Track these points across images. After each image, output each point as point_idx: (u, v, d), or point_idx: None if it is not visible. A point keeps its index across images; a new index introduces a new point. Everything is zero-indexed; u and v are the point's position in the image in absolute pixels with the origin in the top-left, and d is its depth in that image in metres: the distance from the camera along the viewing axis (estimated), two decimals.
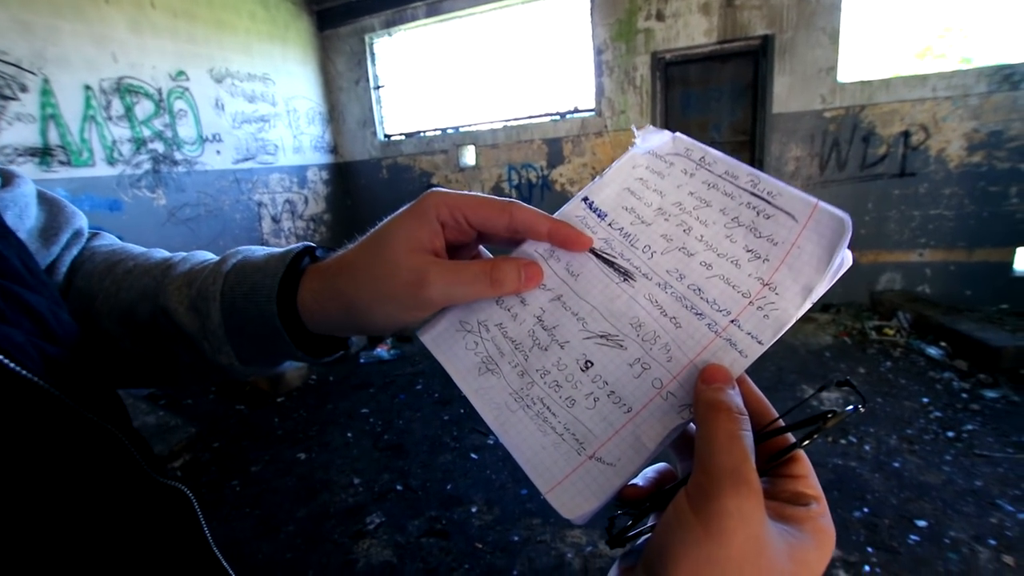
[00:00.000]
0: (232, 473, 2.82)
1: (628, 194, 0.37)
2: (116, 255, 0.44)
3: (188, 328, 0.38)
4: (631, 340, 0.32)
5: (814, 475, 0.29)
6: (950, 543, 1.95)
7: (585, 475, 0.29)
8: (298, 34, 5.57)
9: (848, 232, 0.29)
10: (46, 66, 3.36)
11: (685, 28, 4.48)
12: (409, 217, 0.34)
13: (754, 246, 0.31)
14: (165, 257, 0.43)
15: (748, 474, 0.24)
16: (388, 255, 0.34)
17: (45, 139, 3.38)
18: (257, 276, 0.37)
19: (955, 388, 3.09)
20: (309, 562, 2.14)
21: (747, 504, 0.23)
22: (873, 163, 4.23)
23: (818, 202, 0.31)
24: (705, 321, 0.30)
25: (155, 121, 4.10)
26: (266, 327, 0.37)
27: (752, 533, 0.23)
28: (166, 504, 0.34)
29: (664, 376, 0.30)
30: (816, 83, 4.22)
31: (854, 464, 2.47)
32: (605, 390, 0.31)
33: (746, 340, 0.29)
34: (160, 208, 4.17)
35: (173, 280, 0.39)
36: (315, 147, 5.86)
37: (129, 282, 0.41)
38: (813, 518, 0.26)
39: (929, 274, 4.26)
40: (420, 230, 0.34)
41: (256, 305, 0.36)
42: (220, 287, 0.37)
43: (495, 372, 0.34)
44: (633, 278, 0.34)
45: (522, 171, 5.41)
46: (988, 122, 3.84)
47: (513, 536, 2.17)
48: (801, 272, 0.29)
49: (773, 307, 0.29)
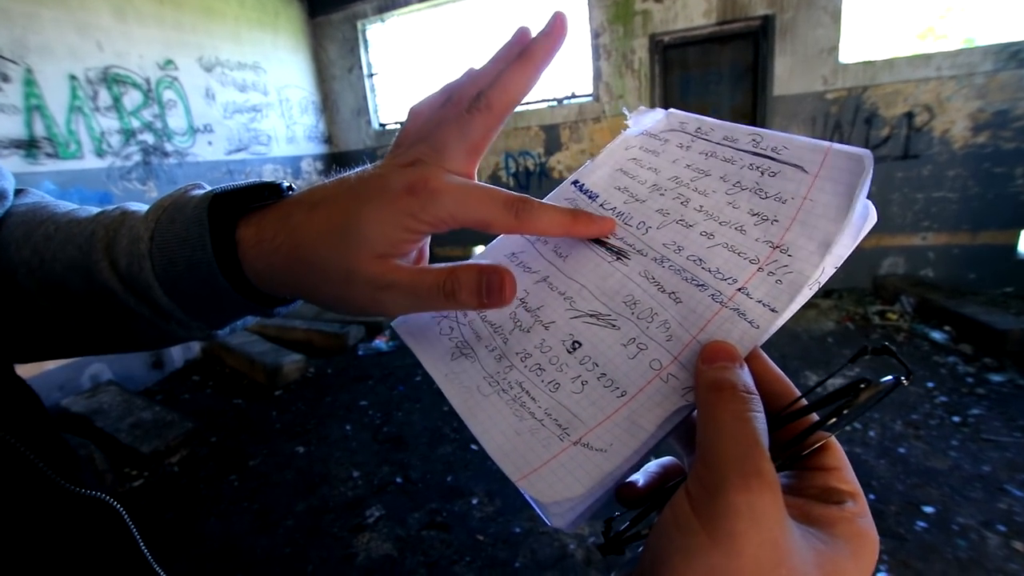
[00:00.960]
0: (230, 467, 2.79)
1: (621, 174, 0.36)
2: (34, 216, 0.38)
3: (138, 310, 0.34)
4: (625, 319, 0.29)
5: (850, 467, 0.24)
6: (958, 529, 1.92)
7: (568, 461, 0.26)
8: (289, 21, 5.45)
9: (868, 170, 0.26)
10: (28, 55, 3.26)
11: (684, 9, 4.39)
12: (397, 229, 0.29)
13: (760, 208, 0.29)
14: (89, 217, 0.37)
15: (759, 463, 0.20)
16: (348, 260, 0.29)
17: (30, 131, 3.30)
18: (187, 251, 0.31)
19: (960, 372, 3.06)
20: (308, 556, 2.11)
21: (760, 500, 0.19)
22: (876, 145, 4.16)
23: (831, 144, 0.28)
24: (708, 292, 0.27)
25: (144, 112, 4.01)
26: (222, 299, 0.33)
27: (767, 537, 0.19)
28: (88, 517, 0.30)
29: (663, 356, 0.27)
30: (818, 64, 4.13)
31: (859, 450, 2.44)
32: (595, 372, 0.28)
33: (757, 309, 0.26)
34: (151, 201, 4.08)
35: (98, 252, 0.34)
36: (309, 137, 5.77)
37: (51, 252, 0.35)
38: (849, 519, 0.22)
39: (933, 258, 4.22)
40: (397, 232, 0.29)
41: (201, 282, 0.32)
42: (152, 270, 0.32)
43: (469, 357, 0.32)
44: (627, 256, 0.31)
45: (519, 159, 5.33)
46: (994, 101, 3.77)
47: (515, 528, 2.14)
48: (816, 227, 0.26)
49: (787, 270, 0.26)
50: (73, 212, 0.38)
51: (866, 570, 0.21)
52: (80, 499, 0.30)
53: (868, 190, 0.26)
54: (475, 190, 0.30)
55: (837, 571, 0.20)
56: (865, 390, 0.22)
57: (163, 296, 0.32)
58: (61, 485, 0.29)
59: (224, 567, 2.11)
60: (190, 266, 0.31)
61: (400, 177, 0.30)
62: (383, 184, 0.30)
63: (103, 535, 0.31)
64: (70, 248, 0.35)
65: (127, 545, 0.32)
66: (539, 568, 1.94)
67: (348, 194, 0.30)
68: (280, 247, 0.30)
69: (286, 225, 0.31)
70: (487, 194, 0.30)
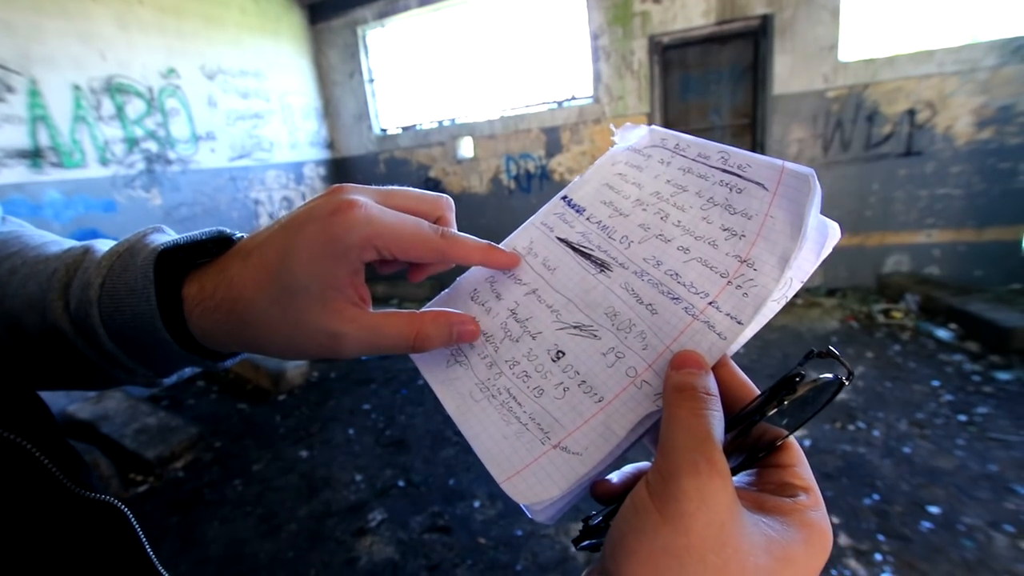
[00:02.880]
0: (234, 472, 2.80)
1: (607, 189, 0.38)
2: (5, 248, 0.39)
3: (86, 352, 0.34)
4: (605, 329, 0.31)
5: (806, 465, 0.26)
6: (965, 530, 1.90)
7: (547, 464, 0.28)
8: (290, 28, 5.49)
9: (813, 188, 0.27)
10: (32, 66, 3.31)
11: (683, 10, 4.38)
12: (326, 257, 0.28)
13: (730, 223, 0.30)
14: (56, 254, 0.37)
15: (711, 452, 0.21)
16: (298, 313, 0.29)
17: (35, 141, 3.34)
18: (132, 300, 0.32)
19: (966, 371, 3.02)
20: (311, 560, 2.12)
21: (709, 484, 0.21)
22: (878, 143, 4.13)
23: (784, 164, 0.29)
24: (682, 305, 0.29)
25: (147, 120, 4.05)
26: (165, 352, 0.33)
27: (715, 519, 0.20)
28: (96, 521, 0.31)
29: (639, 364, 0.29)
30: (818, 62, 4.12)
31: (863, 450, 2.42)
32: (576, 379, 0.30)
33: (725, 322, 0.28)
34: (155, 208, 4.13)
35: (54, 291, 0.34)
36: (311, 143, 5.80)
37: (14, 287, 0.36)
38: (800, 511, 0.23)
39: (937, 255, 4.18)
40: (338, 277, 0.29)
41: (145, 334, 0.32)
42: (98, 316, 0.32)
43: (463, 363, 0.34)
44: (610, 268, 0.33)
45: (520, 161, 5.34)
46: (998, 96, 3.74)
47: (516, 531, 2.14)
48: (776, 242, 0.28)
49: (752, 284, 0.28)
50: (43, 247, 0.38)
51: (817, 557, 0.22)
52: (89, 503, 0.30)
53: (819, 207, 0.28)
54: (404, 216, 0.31)
55: (787, 556, 0.21)
56: (801, 384, 0.24)
57: (108, 342, 0.32)
58: (71, 489, 0.29)
59: (228, 571, 2.12)
60: (134, 316, 0.31)
61: (326, 203, 0.30)
62: (309, 213, 0.30)
63: (111, 538, 0.32)
64: (31, 284, 0.35)
65: (134, 549, 0.33)
66: (541, 571, 1.93)
67: (278, 232, 0.30)
68: (220, 305, 0.30)
69: (223, 279, 0.31)
70: (415, 220, 0.31)
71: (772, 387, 0.25)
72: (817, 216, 0.28)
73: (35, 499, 0.27)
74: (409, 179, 5.89)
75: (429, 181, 5.79)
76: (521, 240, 0.38)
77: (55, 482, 0.28)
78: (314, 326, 0.29)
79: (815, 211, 0.27)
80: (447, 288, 0.39)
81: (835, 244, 0.29)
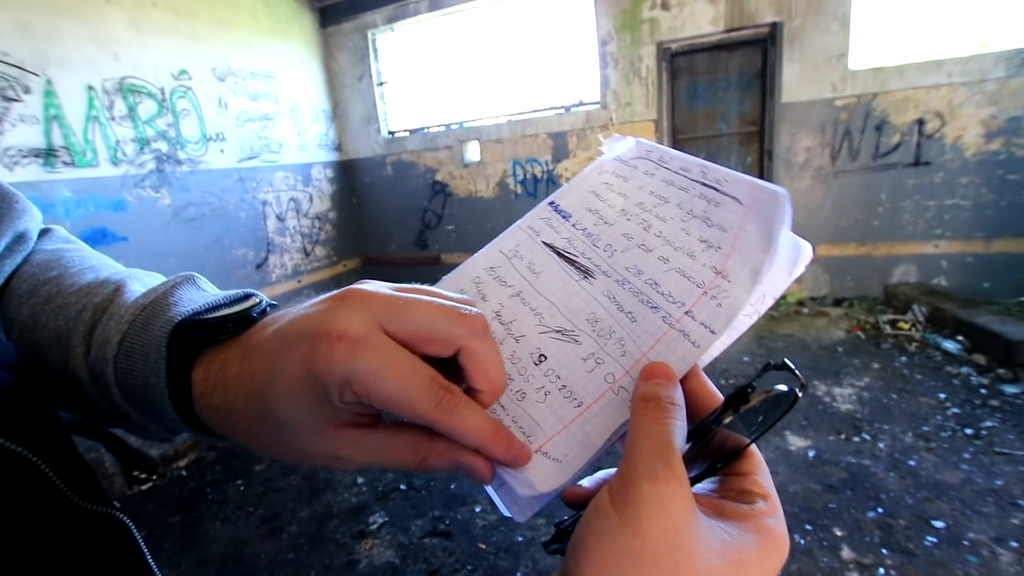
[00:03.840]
0: (236, 473, 2.82)
1: (593, 197, 0.38)
2: (44, 272, 0.39)
3: (99, 403, 0.34)
4: (586, 335, 0.32)
5: (766, 473, 0.27)
6: (969, 545, 1.88)
7: (529, 468, 0.29)
8: (300, 31, 5.55)
9: (783, 205, 0.28)
10: (48, 67, 3.36)
11: (691, 17, 4.39)
12: (305, 392, 0.26)
13: (707, 236, 0.31)
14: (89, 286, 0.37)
15: (669, 459, 0.22)
16: (291, 440, 0.28)
17: (49, 140, 3.39)
18: (144, 369, 0.31)
19: (973, 383, 3.00)
20: (312, 562, 2.12)
21: (665, 489, 0.21)
22: (886, 152, 4.12)
23: (754, 181, 0.31)
24: (660, 314, 0.30)
25: (158, 121, 4.10)
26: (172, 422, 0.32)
27: (670, 523, 0.21)
28: (98, 532, 0.31)
29: (617, 370, 0.30)
30: (826, 71, 4.11)
31: (868, 462, 2.40)
32: (557, 384, 0.31)
33: (699, 330, 0.29)
34: (164, 208, 4.17)
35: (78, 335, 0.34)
36: (319, 145, 5.84)
37: (46, 317, 0.36)
38: (757, 517, 0.24)
39: (945, 266, 4.15)
40: (324, 411, 0.26)
41: (155, 402, 0.32)
42: (113, 375, 0.32)
43: None
44: (593, 275, 0.34)
45: (527, 166, 5.35)
46: (1007, 108, 3.72)
47: (517, 537, 2.14)
48: (749, 256, 0.29)
49: (725, 295, 0.29)
50: (80, 274, 0.38)
51: (771, 562, 0.23)
52: (91, 514, 0.30)
53: (790, 225, 0.28)
54: (401, 359, 0.26)
55: (741, 560, 0.22)
56: (754, 394, 0.25)
57: (121, 400, 0.33)
58: (73, 501, 0.29)
59: (228, 571, 2.12)
60: (146, 385, 0.31)
61: (323, 320, 0.26)
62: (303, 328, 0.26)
63: (112, 550, 0.32)
64: (60, 319, 0.35)
65: (135, 559, 0.33)
66: None
67: (272, 340, 0.28)
68: (218, 405, 0.29)
69: (222, 380, 0.29)
70: (413, 368, 0.26)
71: (728, 397, 0.26)
72: (788, 234, 0.29)
73: (36, 510, 0.27)
74: (416, 182, 5.92)
75: (436, 184, 5.82)
76: (508, 242, 0.39)
77: (58, 493, 0.29)
78: (312, 450, 0.28)
79: (785, 228, 0.28)
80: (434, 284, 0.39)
81: (807, 262, 0.30)
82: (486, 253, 0.39)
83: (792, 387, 0.26)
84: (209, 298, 0.34)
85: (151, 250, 4.05)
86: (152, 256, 4.04)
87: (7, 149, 3.20)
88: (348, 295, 0.27)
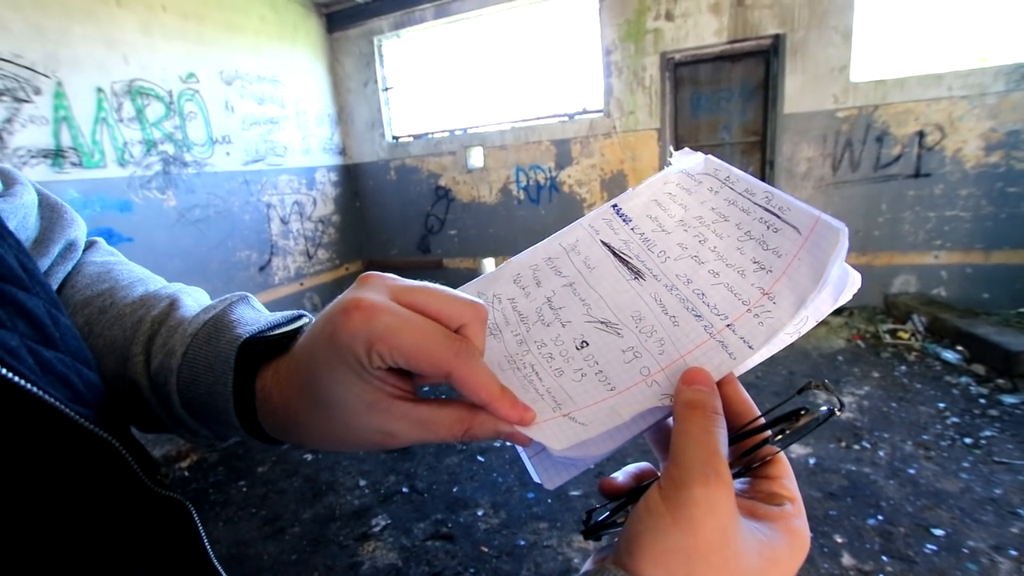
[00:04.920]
0: (239, 474, 2.82)
1: (655, 205, 0.40)
2: (98, 283, 0.42)
3: (156, 409, 0.37)
4: (629, 330, 0.34)
5: (792, 477, 0.29)
6: (968, 553, 1.90)
7: (555, 426, 0.31)
8: (307, 36, 5.60)
9: (841, 242, 0.29)
10: (59, 69, 3.39)
11: (695, 28, 4.44)
12: (342, 369, 0.28)
13: (760, 258, 0.33)
14: (142, 299, 0.40)
15: (718, 466, 0.24)
16: (344, 419, 0.30)
17: (58, 141, 3.42)
18: (209, 379, 0.34)
19: (972, 393, 3.02)
20: (314, 564, 2.13)
21: (715, 494, 0.23)
22: (887, 164, 4.16)
23: (820, 215, 0.31)
24: (702, 323, 0.32)
25: (165, 123, 4.13)
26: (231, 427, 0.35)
27: (719, 524, 0.23)
28: (165, 515, 0.33)
29: (653, 365, 0.32)
30: (828, 82, 4.16)
31: (868, 470, 2.41)
32: (594, 368, 0.33)
33: (738, 344, 0.30)
34: (170, 209, 4.20)
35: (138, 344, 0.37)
36: (324, 149, 5.88)
37: (101, 326, 0.38)
38: (786, 518, 0.27)
39: (945, 276, 4.18)
40: (365, 384, 0.29)
41: (217, 409, 0.34)
42: (175, 384, 0.35)
43: (496, 337, 0.37)
44: (643, 277, 0.36)
45: (530, 172, 5.39)
46: (1006, 121, 3.76)
47: (519, 540, 2.15)
48: (798, 283, 0.30)
49: (769, 315, 0.30)
50: (131, 287, 0.41)
51: (797, 559, 0.26)
52: (162, 499, 0.33)
53: (844, 258, 0.30)
54: (416, 318, 0.28)
55: (774, 557, 0.25)
56: (804, 415, 0.27)
57: (180, 408, 0.36)
58: (146, 484, 0.31)
59: (231, 572, 2.11)
60: (209, 393, 0.34)
61: (340, 301, 0.29)
62: (328, 312, 0.30)
63: (177, 532, 0.34)
64: (116, 328, 0.38)
65: (194, 543, 0.35)
66: None
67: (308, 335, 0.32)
68: (276, 409, 0.33)
69: (276, 383, 0.33)
70: (429, 324, 0.28)
71: (777, 417, 0.28)
72: (842, 266, 0.30)
73: (117, 493, 0.29)
74: (419, 187, 5.95)
75: (439, 189, 5.85)
76: (568, 238, 0.41)
77: (135, 478, 0.31)
78: (364, 427, 0.30)
79: (840, 262, 0.29)
80: (491, 271, 0.42)
81: (854, 292, 0.31)
82: (547, 245, 0.42)
83: (831, 407, 0.27)
84: (269, 318, 0.37)
85: (156, 251, 4.07)
86: (157, 257, 4.06)
87: (16, 149, 3.22)
88: (363, 279, 0.31)
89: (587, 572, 0.26)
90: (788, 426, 0.27)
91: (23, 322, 0.27)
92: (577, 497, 2.35)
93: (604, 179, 5.10)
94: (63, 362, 0.29)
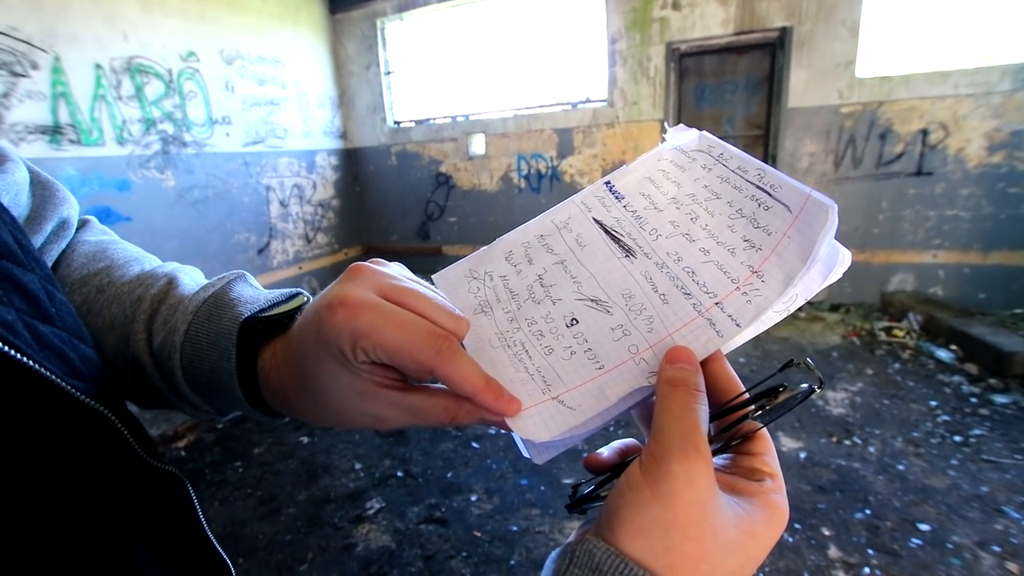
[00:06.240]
0: (235, 455, 2.85)
1: (648, 182, 0.40)
2: (94, 261, 0.42)
3: (159, 385, 0.38)
4: (618, 308, 0.34)
5: (774, 454, 0.29)
6: (953, 548, 1.93)
7: (544, 411, 0.31)
8: (309, 17, 5.52)
9: (830, 219, 0.29)
10: (56, 44, 3.35)
11: (701, 18, 4.39)
12: (330, 361, 0.30)
13: (751, 236, 0.33)
14: (139, 277, 0.40)
15: (697, 441, 0.25)
16: (336, 403, 0.31)
17: (55, 117, 3.38)
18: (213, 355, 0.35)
19: (964, 392, 3.05)
20: (309, 545, 2.16)
21: (694, 468, 0.24)
22: (889, 161, 4.14)
23: (810, 192, 0.31)
24: (691, 301, 0.32)
25: (165, 102, 4.09)
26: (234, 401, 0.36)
27: (697, 498, 0.24)
28: (161, 489, 0.34)
29: (641, 343, 0.32)
30: (834, 77, 4.13)
31: (857, 465, 2.44)
32: (583, 346, 0.33)
33: (725, 321, 0.31)
34: (169, 189, 4.17)
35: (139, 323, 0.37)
36: (324, 132, 5.83)
37: (100, 305, 0.39)
38: (765, 493, 0.27)
39: (942, 276, 4.19)
40: (353, 375, 0.30)
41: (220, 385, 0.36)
42: (179, 360, 0.36)
43: (488, 314, 0.37)
44: (634, 255, 0.36)
45: (532, 161, 5.36)
46: (1011, 121, 3.75)
47: (512, 526, 2.18)
48: (787, 262, 0.30)
49: (757, 293, 0.30)
50: (127, 265, 0.42)
51: (775, 533, 0.26)
52: (157, 472, 0.33)
53: (834, 235, 0.30)
54: (401, 314, 0.29)
55: (752, 530, 0.25)
56: (783, 392, 0.28)
57: (183, 383, 0.36)
58: (143, 457, 0.32)
59: (226, 551, 2.14)
60: (213, 369, 0.35)
61: (328, 293, 0.30)
62: (317, 304, 0.31)
63: (172, 506, 0.35)
64: (115, 307, 0.38)
65: (189, 515, 0.36)
66: (534, 566, 1.97)
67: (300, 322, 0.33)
68: (277, 388, 0.34)
69: (274, 363, 0.34)
70: (412, 321, 0.29)
71: (758, 394, 0.29)
72: (831, 243, 0.30)
73: (113, 466, 0.30)
74: (420, 172, 5.92)
75: (440, 176, 5.82)
76: (560, 215, 0.41)
77: (131, 451, 0.31)
78: (355, 412, 0.32)
79: (829, 239, 0.29)
80: (485, 246, 0.41)
81: (844, 270, 0.31)
82: (539, 222, 0.42)
83: (811, 385, 0.28)
84: (268, 295, 0.37)
85: (154, 231, 4.05)
86: (155, 237, 4.05)
87: (13, 125, 3.19)
88: (352, 270, 0.31)
89: (569, 544, 0.26)
90: (768, 402, 0.28)
91: (19, 297, 0.28)
92: (570, 484, 2.37)
93: (606, 169, 5.08)
94: (59, 337, 0.29)
